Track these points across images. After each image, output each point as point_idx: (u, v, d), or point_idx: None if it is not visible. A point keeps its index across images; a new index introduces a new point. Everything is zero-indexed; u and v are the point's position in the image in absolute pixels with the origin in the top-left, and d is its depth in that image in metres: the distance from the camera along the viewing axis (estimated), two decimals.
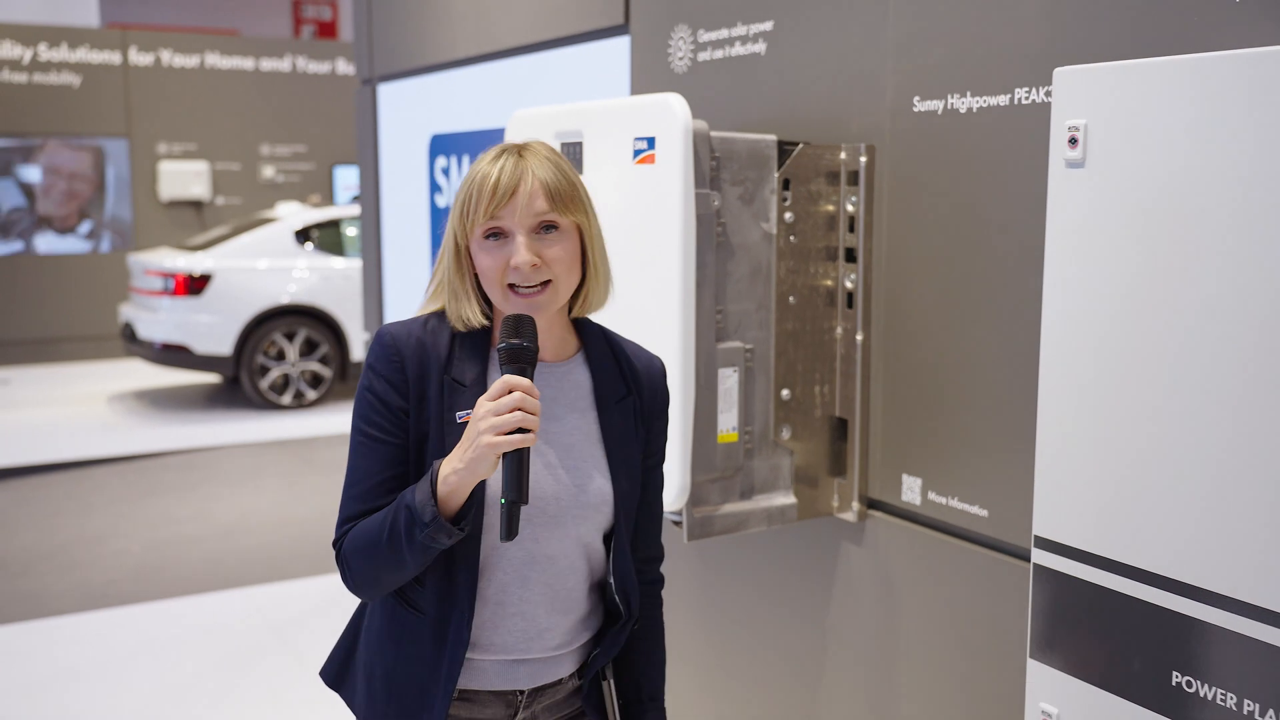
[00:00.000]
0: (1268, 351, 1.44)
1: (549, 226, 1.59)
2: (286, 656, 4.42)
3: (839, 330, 2.52)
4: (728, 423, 2.40)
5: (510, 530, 1.48)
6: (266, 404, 8.93)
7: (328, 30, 18.15)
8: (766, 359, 2.45)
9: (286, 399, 8.99)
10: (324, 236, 9.32)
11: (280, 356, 9.00)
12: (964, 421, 2.26)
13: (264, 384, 8.93)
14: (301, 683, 4.14)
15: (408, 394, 1.61)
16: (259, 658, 4.43)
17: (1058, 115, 1.67)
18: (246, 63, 12.14)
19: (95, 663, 4.37)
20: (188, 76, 11.87)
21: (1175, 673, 1.58)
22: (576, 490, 1.65)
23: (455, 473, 1.50)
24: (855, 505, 2.52)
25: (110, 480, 7.08)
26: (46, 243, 11.42)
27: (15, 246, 11.28)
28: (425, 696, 1.66)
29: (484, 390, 1.60)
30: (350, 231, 9.32)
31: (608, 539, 1.72)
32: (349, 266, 9.09)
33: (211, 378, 10.17)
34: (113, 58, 11.56)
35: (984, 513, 2.23)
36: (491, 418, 1.47)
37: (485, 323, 1.65)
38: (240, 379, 8.93)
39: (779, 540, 2.77)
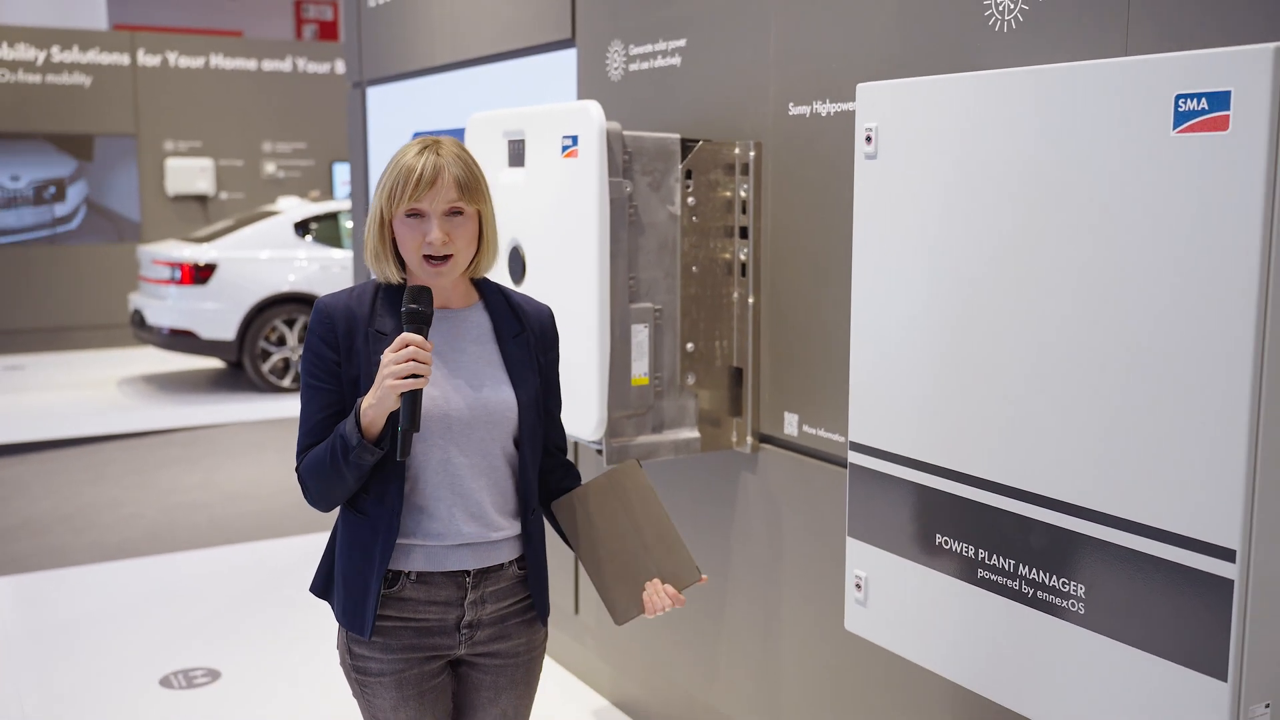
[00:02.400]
0: (1004, 283, 1.97)
1: (456, 211, 2.05)
2: (283, 599, 4.96)
3: (735, 294, 3.05)
4: (640, 369, 2.93)
5: (404, 450, 1.95)
6: (268, 386, 9.47)
7: (329, 30, 18.51)
8: (674, 318, 2.98)
9: (286, 381, 9.53)
10: (322, 229, 9.87)
11: (281, 342, 9.54)
12: (828, 367, 2.79)
13: (265, 367, 9.47)
14: (295, 620, 4.68)
15: (338, 347, 2.07)
16: (259, 599, 4.97)
17: (858, 119, 2.20)
18: (249, 63, 12.67)
19: (111, 605, 4.92)
20: (193, 77, 12.41)
21: (938, 534, 2.11)
22: (482, 403, 2.11)
23: (370, 408, 1.97)
24: (749, 440, 3.06)
25: (122, 454, 7.62)
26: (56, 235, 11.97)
27: (30, 236, 11.83)
28: (365, 580, 2.08)
29: None
30: (348, 224, 9.85)
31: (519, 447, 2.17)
32: (346, 257, 9.63)
33: (216, 362, 10.72)
34: (121, 59, 12.10)
35: (841, 439, 2.76)
36: (392, 365, 1.93)
37: (401, 279, 2.11)
38: (243, 363, 9.47)
39: (690, 469, 3.30)
